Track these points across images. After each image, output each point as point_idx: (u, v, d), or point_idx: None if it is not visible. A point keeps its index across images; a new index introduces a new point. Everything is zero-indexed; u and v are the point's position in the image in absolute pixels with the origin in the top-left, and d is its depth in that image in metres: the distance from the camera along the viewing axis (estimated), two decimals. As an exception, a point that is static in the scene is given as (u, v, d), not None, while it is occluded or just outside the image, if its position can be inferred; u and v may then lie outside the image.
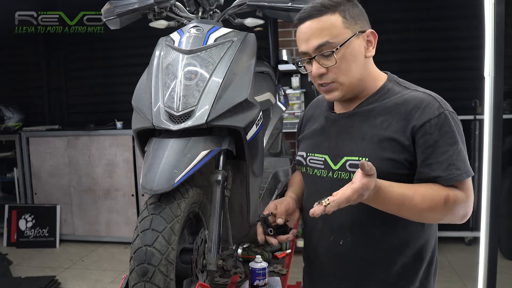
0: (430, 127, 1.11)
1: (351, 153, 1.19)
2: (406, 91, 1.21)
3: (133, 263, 1.01)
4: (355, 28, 1.16)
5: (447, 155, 1.10)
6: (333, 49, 1.14)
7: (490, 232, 2.16)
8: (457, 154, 1.10)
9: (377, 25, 1.35)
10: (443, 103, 1.15)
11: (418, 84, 1.31)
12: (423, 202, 1.08)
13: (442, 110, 1.12)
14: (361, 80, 1.21)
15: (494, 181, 2.12)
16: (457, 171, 1.09)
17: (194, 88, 1.19)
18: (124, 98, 2.15)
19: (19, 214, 4.27)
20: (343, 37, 1.14)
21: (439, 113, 1.12)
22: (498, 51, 2.06)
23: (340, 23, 1.14)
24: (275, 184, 1.91)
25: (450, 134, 1.11)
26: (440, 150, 1.10)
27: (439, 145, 1.10)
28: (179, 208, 1.07)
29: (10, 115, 4.48)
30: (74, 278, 3.47)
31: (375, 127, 1.18)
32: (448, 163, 1.09)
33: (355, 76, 1.19)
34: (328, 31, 1.14)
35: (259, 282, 1.43)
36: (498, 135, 2.10)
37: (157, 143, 1.16)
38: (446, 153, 1.10)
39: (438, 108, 1.13)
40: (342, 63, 1.16)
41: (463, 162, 1.11)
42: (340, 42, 1.14)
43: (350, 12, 1.15)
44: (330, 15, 1.14)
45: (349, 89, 1.20)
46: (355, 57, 1.17)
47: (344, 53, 1.15)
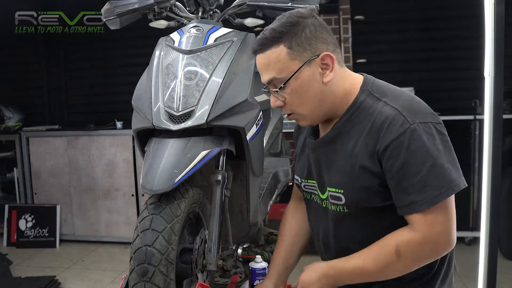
0: (395, 148, 1.01)
1: (331, 184, 1.15)
2: (376, 105, 1.08)
3: (133, 263, 1.01)
4: (303, 56, 1.06)
5: (419, 175, 0.99)
6: (281, 84, 1.07)
7: (490, 232, 2.15)
8: (431, 171, 0.99)
9: (377, 25, 1.35)
10: (410, 115, 1.02)
11: (419, 84, 1.29)
12: (376, 265, 1.03)
13: (408, 125, 1.01)
14: (324, 105, 1.12)
15: (494, 181, 2.11)
16: (434, 192, 0.98)
17: (194, 88, 1.19)
18: (124, 98, 2.15)
19: (19, 214, 4.27)
20: (290, 70, 1.06)
21: (404, 131, 1.00)
22: (498, 51, 2.06)
23: (285, 56, 1.06)
24: (275, 184, 1.91)
25: (420, 150, 0.99)
26: (412, 170, 0.99)
27: (410, 165, 1.00)
28: (179, 208, 1.07)
29: (10, 115, 4.48)
30: (74, 278, 3.47)
31: (347, 154, 1.10)
32: (422, 185, 0.99)
33: (313, 106, 1.11)
34: (274, 66, 1.07)
35: (259, 282, 1.43)
36: (498, 135, 2.10)
37: (157, 143, 1.16)
38: (419, 173, 0.99)
39: (402, 124, 1.01)
40: (294, 97, 1.09)
41: (443, 178, 0.99)
42: (287, 76, 1.07)
43: (297, 40, 1.05)
44: (275, 48, 1.06)
45: (313, 118, 1.14)
46: (308, 88, 1.08)
47: (294, 86, 1.08)
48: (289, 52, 1.06)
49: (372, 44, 4.05)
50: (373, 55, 4.00)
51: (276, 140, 2.20)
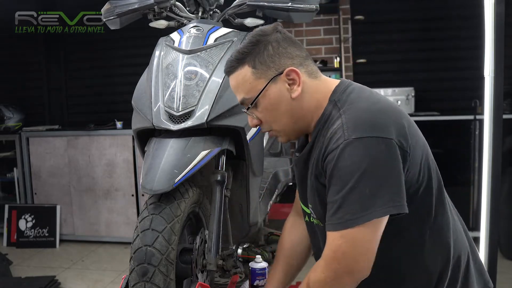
0: (328, 162, 0.98)
1: (306, 201, 1.16)
2: (334, 117, 1.04)
3: (133, 263, 1.01)
4: (268, 74, 1.05)
5: (339, 195, 0.94)
6: (250, 105, 1.07)
7: (490, 232, 2.15)
8: (349, 194, 0.93)
9: (377, 25, 1.35)
10: (349, 129, 0.96)
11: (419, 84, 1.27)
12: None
13: (342, 140, 0.96)
14: (297, 120, 1.10)
15: (494, 181, 2.12)
16: (345, 216, 0.93)
17: (194, 88, 1.19)
18: (124, 98, 2.16)
19: (19, 214, 4.27)
20: (257, 89, 1.06)
21: (337, 146, 0.96)
22: (498, 51, 2.06)
23: (251, 76, 1.05)
24: (275, 184, 1.91)
25: (345, 170, 0.94)
26: (334, 189, 0.96)
27: (334, 183, 0.96)
28: (179, 208, 1.07)
29: (10, 115, 4.47)
30: (74, 278, 3.47)
31: (312, 172, 1.09)
32: (338, 205, 0.94)
33: (285, 122, 1.10)
34: (242, 87, 1.07)
35: (259, 282, 1.43)
36: (498, 135, 2.10)
37: (157, 143, 1.16)
38: (338, 193, 0.94)
39: (338, 139, 0.97)
40: (265, 114, 1.09)
41: (356, 203, 0.92)
42: (254, 96, 1.06)
43: (260, 58, 1.05)
44: (240, 69, 1.06)
45: (289, 133, 1.13)
46: (277, 105, 1.07)
47: (264, 105, 1.07)
48: (254, 71, 1.05)
49: (372, 44, 4.05)
50: (373, 55, 4.00)
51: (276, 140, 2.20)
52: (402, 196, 0.95)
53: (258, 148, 1.39)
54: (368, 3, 3.93)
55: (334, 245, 0.96)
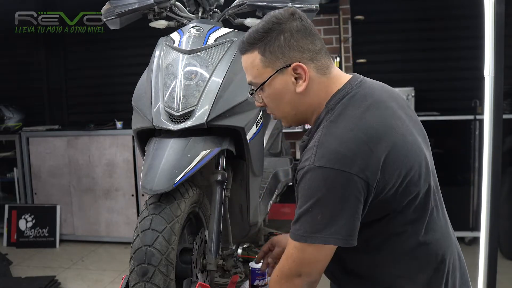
0: (296, 178, 1.06)
1: None
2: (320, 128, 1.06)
3: (133, 263, 1.01)
4: (276, 65, 1.05)
5: (300, 210, 1.01)
6: (256, 88, 1.10)
7: (490, 232, 2.15)
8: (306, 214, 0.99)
9: (377, 25, 1.35)
10: (319, 154, 0.98)
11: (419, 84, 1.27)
12: None
13: (307, 163, 0.99)
14: (298, 113, 1.12)
15: (494, 181, 2.11)
16: (299, 231, 1.00)
17: (194, 88, 1.19)
18: (124, 98, 2.15)
19: (19, 214, 4.27)
20: (263, 76, 1.07)
21: (303, 167, 1.00)
22: (498, 51, 2.06)
23: (259, 63, 1.06)
24: (275, 184, 1.91)
25: (305, 191, 0.99)
26: (298, 203, 1.03)
27: (298, 198, 1.03)
28: (179, 208, 1.07)
29: (10, 115, 4.47)
30: (74, 278, 3.47)
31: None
32: (297, 217, 1.02)
33: (287, 112, 1.12)
34: (250, 71, 1.09)
35: (259, 282, 1.43)
36: (498, 135, 2.10)
37: (157, 143, 1.16)
38: (300, 208, 1.01)
39: (306, 160, 1.01)
40: (269, 101, 1.11)
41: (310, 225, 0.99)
42: (260, 82, 1.08)
43: (270, 48, 1.04)
44: (250, 53, 1.07)
45: (290, 121, 1.16)
46: (280, 96, 1.09)
47: (268, 92, 1.09)
48: (262, 59, 1.06)
49: (372, 44, 4.05)
50: (373, 55, 4.00)
51: (276, 140, 2.20)
52: (351, 230, 0.99)
53: (258, 148, 1.39)
54: (368, 3, 3.93)
55: (289, 251, 1.04)
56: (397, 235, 1.08)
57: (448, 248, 1.14)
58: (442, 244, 1.12)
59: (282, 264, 1.06)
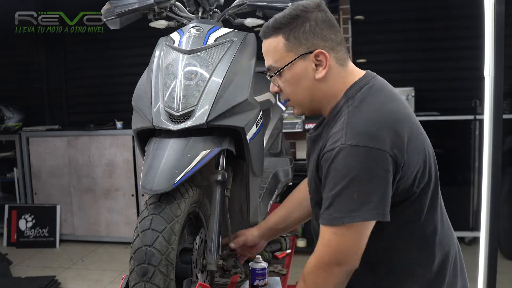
0: (324, 160, 1.05)
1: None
2: (342, 114, 1.09)
3: (133, 263, 1.01)
4: (299, 50, 1.10)
5: (331, 193, 1.01)
6: (275, 72, 1.14)
7: (490, 232, 2.15)
8: (339, 195, 1.00)
9: (377, 25, 1.35)
10: (348, 134, 1.01)
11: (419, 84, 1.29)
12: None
13: (339, 144, 1.01)
14: (314, 100, 1.15)
15: (494, 181, 2.12)
16: (335, 213, 1.00)
17: (194, 88, 1.19)
18: (124, 98, 2.15)
19: (19, 214, 4.27)
20: (285, 60, 1.11)
21: (334, 148, 1.02)
22: (498, 51, 2.06)
23: (282, 47, 1.10)
24: (275, 184, 1.91)
25: (338, 171, 1.00)
26: (328, 186, 1.03)
27: (327, 182, 1.03)
28: (179, 208, 1.07)
29: (10, 115, 4.48)
30: (74, 278, 3.47)
31: (313, 161, 1.14)
32: (329, 202, 1.02)
33: (303, 98, 1.15)
34: (272, 55, 1.13)
35: (259, 282, 1.43)
36: (498, 135, 2.10)
37: (157, 143, 1.16)
38: (331, 191, 1.01)
39: (337, 141, 1.02)
40: (286, 86, 1.15)
41: (345, 205, 0.99)
42: (281, 66, 1.12)
43: (295, 32, 1.09)
44: (274, 37, 1.11)
45: (303, 108, 1.19)
46: (299, 81, 1.12)
47: (287, 77, 1.13)
48: (286, 43, 1.10)
49: (372, 44, 4.05)
50: (373, 55, 4.00)
51: (276, 140, 2.20)
52: (386, 206, 1.01)
53: (258, 148, 1.39)
54: (368, 3, 3.93)
55: (325, 238, 1.04)
56: (413, 222, 1.11)
57: (451, 238, 1.19)
58: (448, 234, 1.18)
59: (320, 252, 1.05)
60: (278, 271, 1.64)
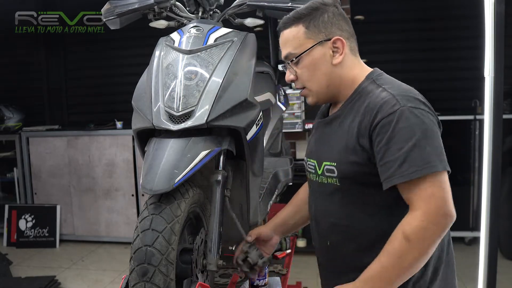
0: (383, 125, 1.09)
1: (327, 158, 1.23)
2: (376, 91, 1.17)
3: (133, 263, 1.01)
4: (318, 37, 1.19)
5: (401, 152, 1.06)
6: (294, 58, 1.21)
7: (490, 232, 2.16)
8: (412, 150, 1.05)
9: (377, 25, 1.36)
10: (403, 99, 1.11)
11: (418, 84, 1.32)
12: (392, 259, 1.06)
13: (398, 107, 1.09)
14: (331, 86, 1.23)
15: (494, 181, 2.12)
16: (411, 168, 1.05)
17: (194, 88, 1.19)
18: (124, 98, 2.15)
19: (19, 214, 4.27)
20: (304, 47, 1.19)
21: (394, 111, 1.08)
22: (498, 51, 2.06)
23: (302, 34, 1.19)
24: (275, 184, 1.91)
25: (405, 130, 1.07)
26: (395, 147, 1.07)
27: (394, 142, 1.07)
28: (179, 208, 1.07)
29: (10, 115, 4.48)
30: (74, 278, 3.48)
31: (344, 131, 1.19)
32: (401, 161, 1.06)
33: (321, 83, 1.22)
34: (291, 42, 1.21)
35: (259, 282, 1.43)
36: (498, 135, 2.10)
37: (157, 143, 1.16)
38: (401, 150, 1.06)
39: (394, 105, 1.09)
40: (304, 72, 1.22)
41: (421, 158, 1.05)
42: (300, 51, 1.20)
43: (315, 22, 1.19)
44: (294, 27, 1.20)
45: (319, 95, 1.25)
46: (317, 66, 1.21)
47: (306, 62, 1.21)
48: (306, 31, 1.19)
49: (372, 44, 4.05)
50: (373, 55, 3.99)
51: (276, 140, 2.20)
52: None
53: (258, 148, 1.39)
54: (368, 3, 3.93)
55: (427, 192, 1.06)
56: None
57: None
58: None
59: (426, 206, 1.05)
60: (278, 271, 1.64)
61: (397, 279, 1.08)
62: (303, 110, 4.06)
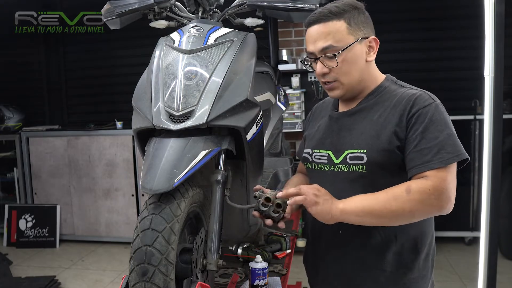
0: (419, 115, 1.19)
1: (351, 147, 1.28)
2: (401, 89, 1.30)
3: (133, 263, 1.01)
4: (358, 34, 1.27)
5: (437, 140, 1.16)
6: (336, 52, 1.25)
7: (490, 232, 2.16)
8: (447, 139, 1.17)
9: (377, 25, 1.37)
10: (433, 96, 1.24)
11: (418, 84, 1.37)
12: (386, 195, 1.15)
13: (432, 101, 1.21)
14: (361, 81, 1.31)
15: (494, 181, 2.12)
16: (447, 155, 1.15)
17: (194, 88, 1.19)
18: (124, 98, 2.16)
19: (19, 214, 4.27)
20: (346, 42, 1.25)
21: (430, 103, 1.20)
22: (498, 51, 2.06)
23: (344, 29, 1.25)
24: (275, 184, 1.91)
25: (439, 121, 1.18)
26: (431, 136, 1.17)
27: (429, 132, 1.17)
28: (179, 208, 1.07)
29: (10, 115, 4.48)
30: (74, 278, 3.48)
31: (372, 122, 1.27)
32: (438, 148, 1.16)
33: (354, 78, 1.30)
34: (333, 36, 1.25)
35: (259, 282, 1.43)
36: (498, 135, 2.11)
37: (157, 143, 1.16)
38: (437, 138, 1.17)
39: (428, 99, 1.22)
40: (343, 65, 1.27)
41: (454, 146, 1.17)
42: (342, 46, 1.25)
43: (355, 19, 1.26)
44: (336, 21, 1.25)
45: (349, 89, 1.31)
46: (355, 61, 1.28)
47: (346, 57, 1.26)
48: (348, 27, 1.26)
49: (372, 44, 4.05)
50: (373, 55, 4.00)
51: (276, 140, 2.20)
52: None
53: (258, 148, 1.39)
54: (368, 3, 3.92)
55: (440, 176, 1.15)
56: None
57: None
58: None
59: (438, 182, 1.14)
60: (278, 271, 1.64)
61: (377, 214, 1.16)
62: (303, 110, 4.06)
